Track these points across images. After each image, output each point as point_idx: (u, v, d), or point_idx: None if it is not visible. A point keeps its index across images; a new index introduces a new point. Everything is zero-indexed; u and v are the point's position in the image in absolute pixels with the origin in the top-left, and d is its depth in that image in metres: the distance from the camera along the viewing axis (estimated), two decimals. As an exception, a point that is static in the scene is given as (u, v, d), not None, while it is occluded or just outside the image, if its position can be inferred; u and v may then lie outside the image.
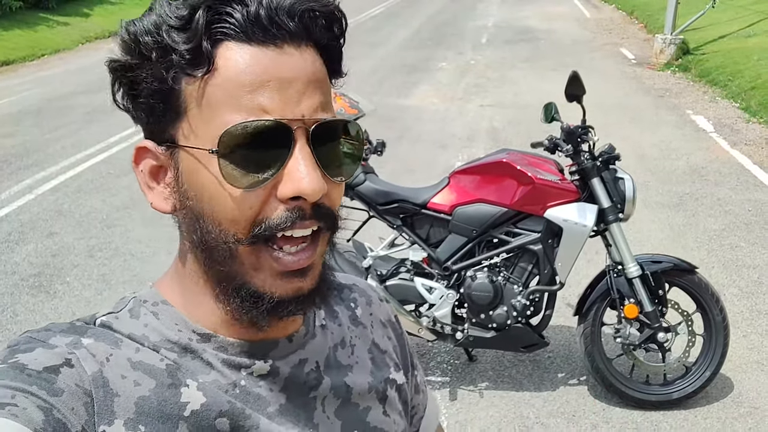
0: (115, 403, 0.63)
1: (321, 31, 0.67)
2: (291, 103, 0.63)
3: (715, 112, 8.52)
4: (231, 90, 0.63)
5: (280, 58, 0.63)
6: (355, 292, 0.90)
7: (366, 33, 15.43)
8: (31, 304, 4.28)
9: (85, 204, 5.88)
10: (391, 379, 0.86)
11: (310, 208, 0.65)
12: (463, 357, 3.67)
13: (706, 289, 3.18)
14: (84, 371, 0.63)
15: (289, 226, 0.64)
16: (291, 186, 0.63)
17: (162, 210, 0.70)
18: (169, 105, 0.66)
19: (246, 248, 0.65)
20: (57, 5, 16.49)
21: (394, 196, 3.27)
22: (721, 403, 3.32)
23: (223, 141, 0.62)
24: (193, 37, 0.62)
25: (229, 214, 0.64)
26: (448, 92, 9.93)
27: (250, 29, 0.63)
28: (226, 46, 0.63)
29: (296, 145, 0.63)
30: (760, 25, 12.66)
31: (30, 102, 9.60)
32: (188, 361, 0.69)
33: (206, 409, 0.67)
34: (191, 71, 0.63)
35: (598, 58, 12.01)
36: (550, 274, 3.20)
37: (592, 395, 3.39)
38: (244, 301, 0.67)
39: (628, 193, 3.16)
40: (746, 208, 5.57)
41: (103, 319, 0.70)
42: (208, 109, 0.64)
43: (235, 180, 0.63)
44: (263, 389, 0.72)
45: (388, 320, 0.91)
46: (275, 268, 0.66)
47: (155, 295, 0.73)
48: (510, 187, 3.16)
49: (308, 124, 0.64)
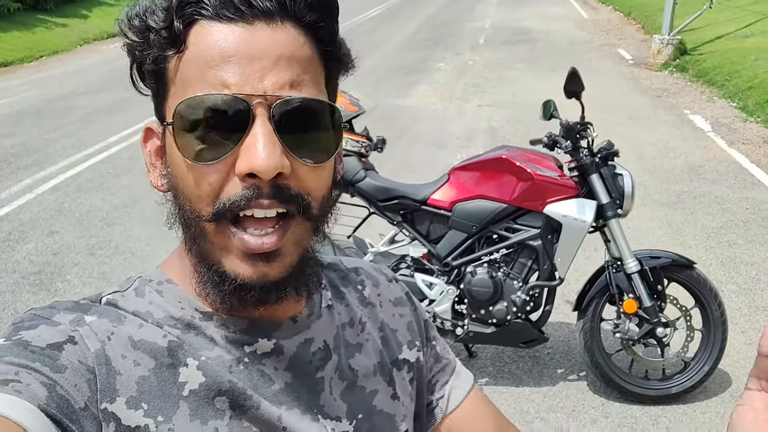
0: (118, 381, 0.63)
1: (301, 9, 0.66)
2: (253, 79, 0.63)
3: (712, 112, 8.56)
4: (199, 66, 0.64)
5: (248, 35, 0.63)
6: (362, 275, 0.90)
7: (364, 34, 15.45)
8: (33, 302, 4.29)
9: (85, 203, 5.89)
10: (402, 359, 0.85)
11: (269, 187, 0.63)
12: (463, 353, 3.68)
13: (705, 284, 3.20)
14: (87, 348, 0.63)
15: (245, 205, 0.63)
16: (245, 162, 0.62)
17: (158, 188, 0.72)
18: (160, 84, 0.68)
19: (212, 226, 0.65)
20: (55, 7, 16.51)
21: (394, 193, 3.29)
22: (720, 397, 3.34)
23: (178, 113, 0.64)
24: (167, 18, 0.64)
25: (193, 190, 0.65)
26: (446, 92, 9.95)
27: (220, 8, 0.64)
28: (200, 25, 0.64)
29: (256, 121, 0.63)
30: (758, 26, 12.70)
31: (29, 103, 9.61)
32: (191, 337, 0.70)
33: (205, 389, 0.67)
34: (167, 51, 0.65)
35: (595, 59, 12.04)
36: (549, 270, 3.22)
37: (592, 390, 3.41)
38: (209, 280, 0.67)
39: (626, 189, 3.18)
40: (744, 206, 5.60)
41: (109, 297, 0.71)
42: (181, 86, 0.65)
43: (190, 153, 0.64)
44: (267, 367, 0.72)
45: (399, 298, 0.91)
46: (238, 248, 0.65)
47: (160, 275, 0.74)
48: (509, 183, 3.18)
49: (270, 100, 0.63)
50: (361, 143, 3.33)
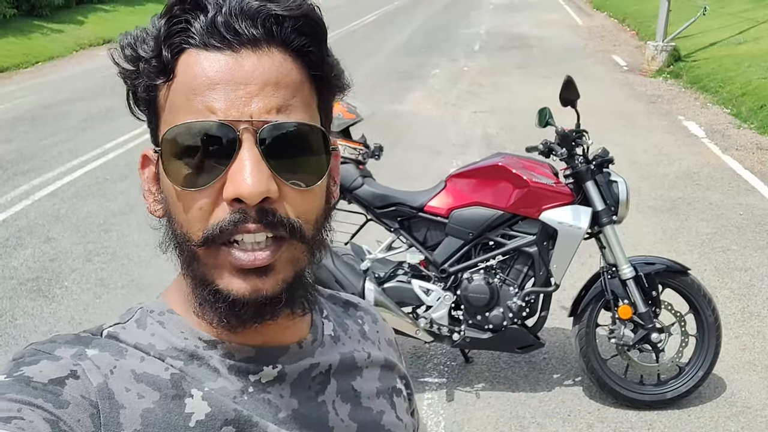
0: (121, 415, 0.63)
1: (289, 35, 0.66)
2: (238, 105, 0.63)
3: (706, 118, 8.61)
4: (186, 94, 0.65)
5: (233, 62, 0.64)
6: (361, 311, 0.91)
7: (359, 40, 15.50)
8: (30, 308, 4.30)
9: (82, 209, 5.90)
10: (398, 388, 0.87)
11: (255, 211, 0.64)
12: (460, 358, 3.71)
13: (699, 290, 3.23)
14: (90, 382, 0.63)
15: (233, 230, 0.64)
16: (232, 187, 0.63)
17: (154, 214, 0.72)
18: (152, 111, 0.69)
19: (203, 250, 0.66)
20: (51, 13, 16.49)
21: (392, 200, 3.31)
22: (714, 402, 3.37)
23: (166, 140, 0.65)
24: (156, 48, 0.66)
25: (183, 216, 0.66)
26: (441, 98, 9.99)
27: (206, 36, 0.64)
28: (188, 54, 0.65)
29: (242, 146, 0.63)
30: (751, 33, 12.77)
31: (25, 109, 9.61)
32: (195, 368, 0.70)
33: (211, 419, 0.67)
34: (154, 80, 0.67)
35: (590, 65, 12.10)
36: (545, 276, 3.24)
37: (587, 395, 3.44)
38: (205, 300, 0.67)
39: (621, 196, 3.21)
40: (737, 212, 5.64)
41: (110, 329, 0.71)
42: (170, 114, 0.66)
43: (178, 179, 0.65)
44: (272, 395, 0.72)
45: (390, 340, 0.93)
46: (231, 265, 0.65)
47: (161, 305, 0.74)
48: (505, 190, 3.21)
49: (256, 125, 0.63)
50: (358, 150, 3.35)
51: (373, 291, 3.23)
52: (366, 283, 3.24)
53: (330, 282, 3.21)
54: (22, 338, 3.96)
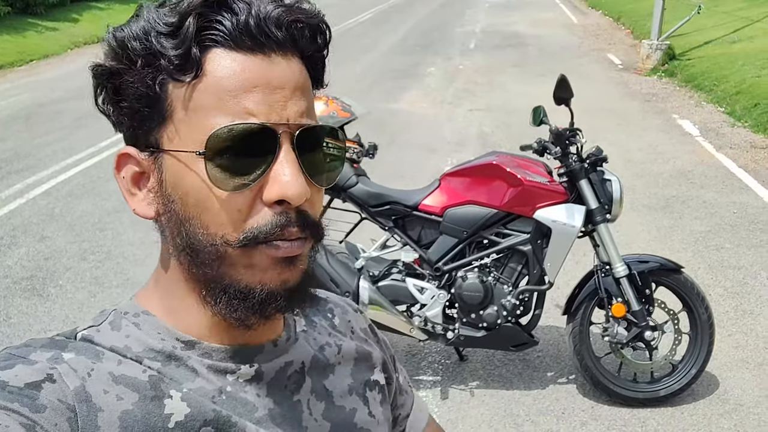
0: (99, 418, 0.62)
1: (306, 42, 0.68)
2: (277, 108, 0.64)
3: (700, 117, 8.63)
4: (218, 94, 0.64)
5: (267, 66, 0.65)
6: (330, 303, 0.91)
7: (354, 38, 15.49)
8: (25, 307, 4.30)
9: (76, 208, 5.89)
10: (373, 380, 0.87)
11: (295, 214, 0.65)
12: (454, 356, 3.71)
13: (692, 288, 3.24)
14: (66, 386, 0.62)
15: (278, 233, 0.65)
16: (276, 189, 0.64)
17: (145, 216, 0.71)
18: (155, 110, 0.66)
19: (236, 250, 0.65)
20: (46, 11, 16.45)
21: (386, 198, 3.32)
22: (707, 400, 3.38)
23: (210, 143, 0.63)
24: (182, 44, 0.64)
25: (216, 217, 0.65)
26: (437, 97, 10.00)
27: (238, 37, 0.64)
28: (214, 53, 0.64)
29: (281, 149, 0.64)
30: (745, 31, 12.81)
31: (19, 107, 9.59)
32: (173, 369, 0.69)
33: (191, 420, 0.66)
34: (180, 76, 0.64)
35: (585, 64, 12.12)
36: (539, 274, 3.25)
37: (581, 393, 3.45)
38: (232, 299, 0.67)
39: (615, 194, 3.22)
40: (731, 211, 5.66)
41: (84, 332, 0.70)
42: (194, 114, 0.64)
43: (221, 182, 0.64)
44: (249, 394, 0.72)
45: (365, 329, 0.92)
46: (270, 257, 0.66)
47: (135, 307, 0.73)
48: (500, 188, 3.22)
49: (293, 128, 0.65)
50: (352, 149, 3.36)
51: (368, 289, 3.24)
52: (360, 282, 3.25)
53: (325, 280, 3.21)
54: (16, 337, 3.95)
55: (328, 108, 3.33)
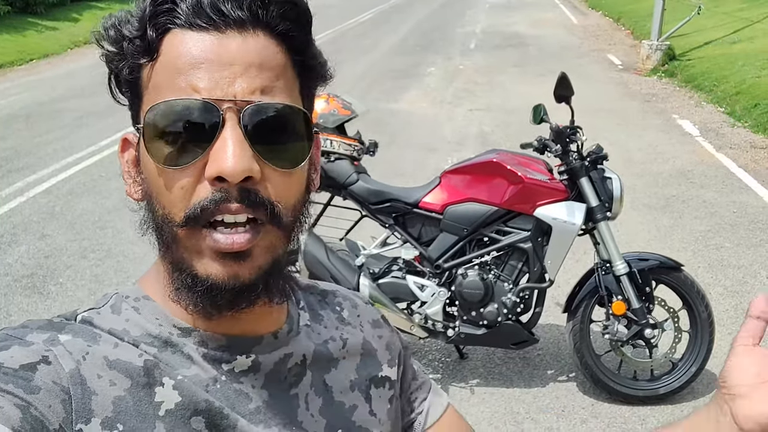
0: (93, 402, 0.62)
1: (274, 19, 0.67)
2: (223, 84, 0.64)
3: (700, 117, 8.64)
4: (170, 73, 0.65)
5: (219, 42, 0.64)
6: (339, 297, 0.90)
7: (355, 39, 15.51)
8: (25, 305, 4.30)
9: (77, 206, 5.90)
10: (381, 376, 0.85)
11: (237, 191, 0.64)
12: (455, 354, 3.72)
13: (692, 286, 3.25)
14: (62, 368, 0.62)
15: (214, 209, 0.64)
16: (214, 165, 0.63)
17: (132, 197, 0.72)
18: (135, 93, 0.69)
19: (184, 231, 0.65)
20: (46, 10, 16.45)
21: (386, 196, 3.32)
22: (707, 398, 3.37)
23: (148, 118, 0.65)
24: (141, 27, 0.65)
25: (165, 195, 0.66)
26: (437, 97, 10.00)
27: (193, 17, 0.64)
28: (173, 34, 0.65)
29: (226, 126, 0.63)
30: (745, 32, 12.81)
31: (20, 106, 9.59)
32: (168, 355, 0.69)
33: (181, 409, 0.66)
34: (139, 59, 0.66)
35: (585, 64, 12.12)
36: (539, 272, 3.26)
37: (581, 391, 3.45)
38: (183, 284, 0.67)
39: (615, 192, 3.22)
40: (731, 210, 5.66)
41: (84, 314, 0.70)
42: (153, 93, 0.66)
43: (160, 158, 0.64)
44: (245, 385, 0.72)
45: (377, 320, 0.91)
46: (210, 248, 0.65)
47: (137, 291, 0.74)
48: (500, 186, 3.22)
49: (240, 105, 0.64)
50: (353, 147, 3.36)
51: (368, 286, 3.24)
52: (361, 279, 3.25)
53: (325, 277, 3.21)
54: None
55: (329, 106, 3.34)
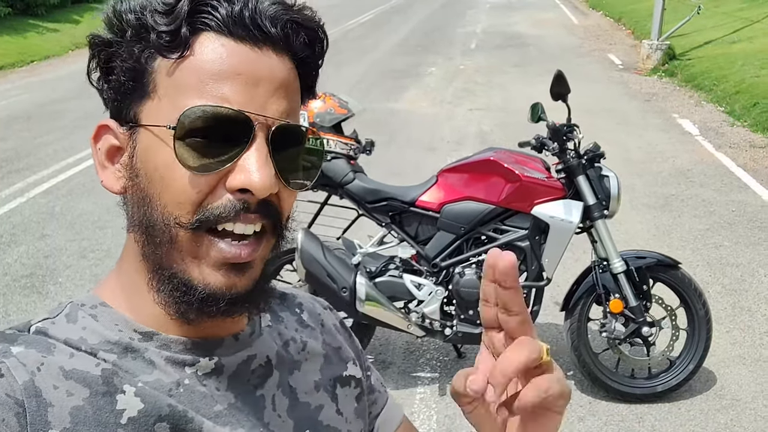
0: (50, 413, 0.61)
1: (300, 45, 0.68)
2: (257, 100, 0.64)
3: (700, 116, 8.64)
4: (201, 76, 0.64)
5: (255, 57, 0.65)
6: (298, 299, 0.90)
7: (355, 39, 15.51)
8: (24, 304, 4.31)
9: (76, 206, 5.90)
10: (346, 375, 0.85)
11: (256, 203, 0.65)
12: (452, 353, 3.72)
13: (690, 284, 3.25)
14: (15, 380, 0.60)
15: (232, 217, 0.64)
16: (242, 177, 0.63)
17: (111, 189, 0.71)
18: (139, 83, 0.66)
19: (187, 234, 0.65)
20: (46, 12, 16.48)
21: (383, 195, 3.32)
22: (704, 395, 3.39)
23: (182, 120, 0.63)
24: (173, 21, 0.64)
25: (176, 196, 0.64)
26: (437, 97, 10.01)
27: (231, 25, 0.64)
28: (205, 36, 0.65)
29: (255, 141, 0.64)
30: (745, 32, 12.81)
31: (20, 107, 9.60)
32: (129, 361, 0.68)
33: (144, 416, 0.65)
34: (167, 53, 0.65)
35: (586, 64, 12.13)
36: (537, 270, 3.26)
37: (579, 389, 3.46)
38: (175, 289, 0.66)
39: (612, 191, 3.23)
40: (730, 209, 5.66)
41: (38, 325, 0.68)
42: (175, 92, 0.64)
43: (187, 161, 0.63)
44: (208, 388, 0.70)
45: (335, 325, 0.91)
46: (214, 257, 0.65)
47: (93, 299, 0.72)
48: (497, 184, 3.22)
49: (271, 123, 0.65)
50: (350, 146, 3.36)
51: (365, 285, 3.24)
52: (357, 278, 3.25)
53: (321, 276, 3.21)
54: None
55: (326, 105, 3.34)
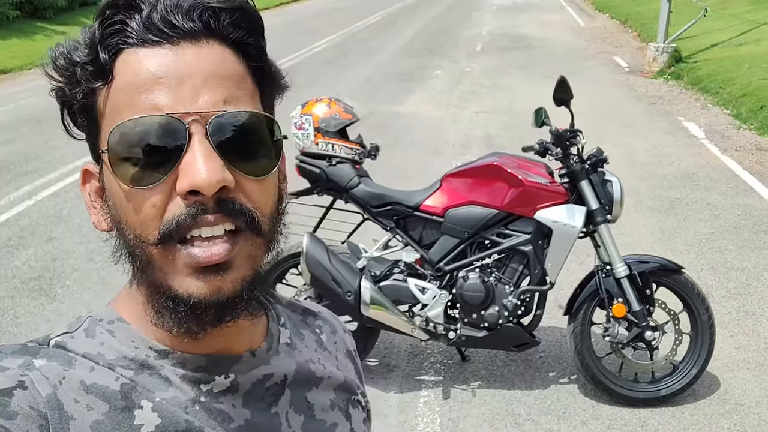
0: (71, 426, 0.61)
1: (227, 28, 0.66)
2: (185, 98, 0.63)
3: (706, 119, 8.63)
4: (128, 92, 0.63)
5: (174, 56, 0.63)
6: (320, 320, 0.90)
7: (361, 42, 15.54)
8: (32, 307, 4.35)
9: (84, 209, 5.82)
10: (356, 399, 0.86)
11: (214, 202, 0.63)
12: (456, 357, 3.74)
13: (693, 288, 3.26)
14: (38, 393, 0.61)
15: (191, 223, 0.63)
16: (186, 180, 0.62)
17: (100, 228, 0.70)
18: (91, 120, 0.67)
19: (158, 250, 0.64)
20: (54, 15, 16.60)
21: (388, 199, 3.35)
22: (708, 400, 3.40)
23: (112, 140, 0.63)
24: (91, 51, 0.64)
25: (135, 217, 0.64)
26: (442, 99, 10.02)
27: (143, 34, 0.63)
28: (126, 54, 0.64)
29: (193, 139, 0.62)
30: (752, 34, 12.78)
31: (28, 110, 9.65)
32: (145, 378, 0.68)
33: (161, 430, 0.66)
34: (93, 83, 0.65)
35: (592, 66, 12.12)
36: (540, 275, 3.27)
37: (582, 393, 3.47)
38: (163, 306, 0.66)
39: (615, 195, 3.24)
40: (735, 213, 5.66)
41: (58, 339, 0.69)
42: (112, 116, 0.64)
43: (127, 179, 0.63)
44: (225, 405, 0.71)
45: (349, 351, 0.92)
46: (188, 264, 0.64)
47: (111, 314, 0.72)
48: (501, 189, 3.24)
49: (205, 117, 0.63)
50: (354, 150, 3.39)
51: (369, 289, 3.26)
52: (362, 282, 3.27)
53: (326, 280, 3.24)
54: (23, 336, 4.00)
55: (331, 110, 3.36)
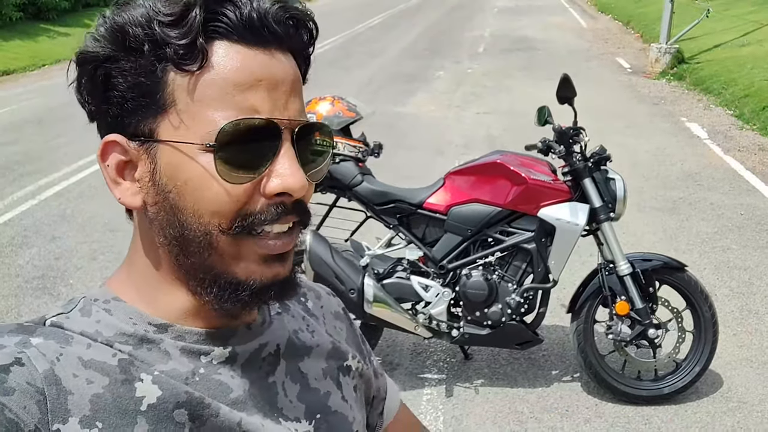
0: (69, 401, 0.62)
1: (298, 40, 0.70)
2: (280, 105, 0.66)
3: (709, 120, 8.63)
4: (223, 87, 0.64)
5: (270, 61, 0.66)
6: (303, 288, 0.91)
7: (364, 43, 15.55)
8: (35, 306, 4.35)
9: (87, 209, 5.95)
10: (347, 366, 0.87)
11: (292, 204, 0.68)
12: (459, 355, 3.74)
13: (696, 286, 3.26)
14: (35, 369, 0.62)
15: (273, 220, 0.67)
16: (278, 182, 0.65)
17: (131, 206, 0.70)
18: (151, 99, 0.65)
19: (227, 239, 0.66)
20: (57, 16, 16.63)
21: (391, 197, 3.35)
22: (711, 397, 3.39)
23: (220, 137, 0.64)
24: (188, 33, 0.63)
25: (214, 207, 0.65)
26: (445, 100, 10.03)
27: (242, 30, 0.65)
28: (219, 44, 0.65)
29: (283, 145, 0.66)
30: (754, 35, 12.78)
31: (32, 111, 9.69)
32: (144, 352, 0.69)
33: (163, 402, 0.67)
34: (185, 66, 0.64)
35: (594, 67, 12.13)
36: (543, 272, 3.28)
37: (585, 391, 3.47)
38: (222, 290, 0.68)
39: (618, 193, 3.24)
40: (738, 212, 5.66)
41: (53, 319, 0.69)
42: (197, 105, 0.64)
43: (226, 175, 0.64)
44: (224, 376, 0.72)
45: (337, 312, 0.94)
46: (258, 253, 0.68)
47: (106, 293, 0.73)
48: (504, 187, 3.24)
49: (293, 125, 0.67)
50: (358, 148, 3.39)
51: (373, 287, 3.26)
52: (365, 279, 3.27)
53: (329, 278, 3.24)
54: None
55: (334, 108, 3.37)
